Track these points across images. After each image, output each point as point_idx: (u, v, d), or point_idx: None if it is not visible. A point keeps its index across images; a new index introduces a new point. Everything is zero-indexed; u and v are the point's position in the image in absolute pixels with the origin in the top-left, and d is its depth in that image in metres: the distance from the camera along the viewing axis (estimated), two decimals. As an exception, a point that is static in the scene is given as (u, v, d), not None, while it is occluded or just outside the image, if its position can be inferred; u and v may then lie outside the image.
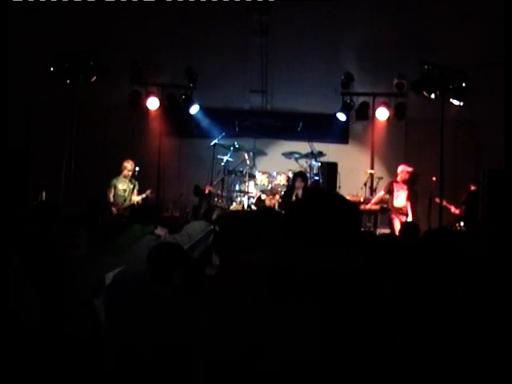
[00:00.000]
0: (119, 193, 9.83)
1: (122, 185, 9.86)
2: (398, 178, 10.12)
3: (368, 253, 2.88)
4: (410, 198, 10.15)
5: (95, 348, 3.06)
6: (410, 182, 10.25)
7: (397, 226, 9.64)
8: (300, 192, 9.23)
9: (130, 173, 9.86)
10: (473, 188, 9.72)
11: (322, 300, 1.42)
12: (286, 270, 1.53)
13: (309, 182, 9.68)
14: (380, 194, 10.19)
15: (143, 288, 3.17)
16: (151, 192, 9.91)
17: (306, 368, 1.34)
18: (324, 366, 1.34)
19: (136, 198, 9.81)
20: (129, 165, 9.84)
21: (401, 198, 10.07)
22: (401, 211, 9.99)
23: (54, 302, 3.18)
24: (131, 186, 9.87)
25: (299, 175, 9.47)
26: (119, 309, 3.16)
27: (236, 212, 8.53)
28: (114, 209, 9.63)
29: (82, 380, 2.89)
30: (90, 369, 2.90)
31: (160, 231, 4.22)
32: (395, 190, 10.07)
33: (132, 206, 9.55)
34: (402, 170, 10.12)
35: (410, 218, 9.91)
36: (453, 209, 9.83)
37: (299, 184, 9.29)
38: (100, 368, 2.88)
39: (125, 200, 9.80)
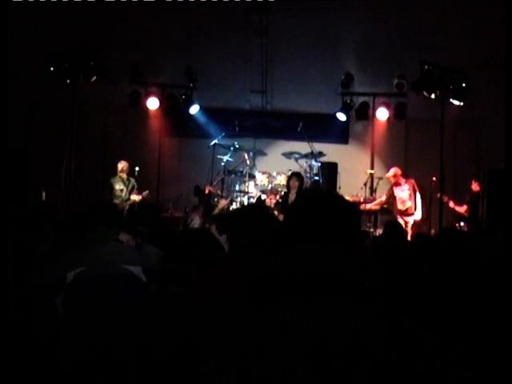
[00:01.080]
0: (116, 193, 9.84)
1: (119, 185, 9.87)
2: (393, 181, 9.99)
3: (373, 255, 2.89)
4: (414, 194, 9.94)
5: (54, 345, 3.10)
6: (407, 178, 10.12)
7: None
8: (294, 192, 9.10)
9: (124, 173, 9.84)
10: (477, 188, 9.59)
11: (321, 300, 1.42)
12: (285, 271, 1.53)
13: (307, 182, 9.66)
14: (382, 198, 10.09)
15: (105, 289, 3.24)
16: (147, 193, 9.88)
17: (306, 368, 1.34)
18: (324, 366, 1.34)
19: (134, 198, 9.80)
20: (120, 165, 9.82)
21: (404, 200, 9.97)
22: (406, 212, 9.87)
23: (16, 296, 3.20)
24: (129, 186, 9.88)
25: (294, 175, 9.36)
26: (79, 308, 3.22)
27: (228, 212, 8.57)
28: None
29: (45, 373, 2.91)
30: (49, 365, 2.92)
31: (123, 237, 4.22)
32: (396, 194, 9.93)
33: (131, 205, 9.55)
34: (395, 172, 10.00)
35: (418, 216, 9.77)
36: (452, 204, 9.71)
37: (293, 183, 9.19)
38: (58, 365, 2.91)
39: (122, 200, 9.80)
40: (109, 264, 3.54)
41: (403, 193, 9.91)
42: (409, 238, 7.43)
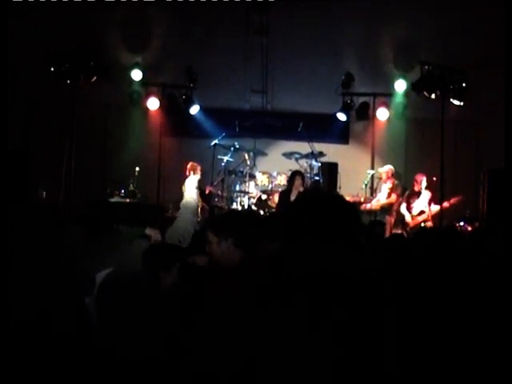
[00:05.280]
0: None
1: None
2: (384, 177, 9.97)
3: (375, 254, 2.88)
4: (390, 194, 9.91)
5: (85, 347, 3.06)
6: (393, 177, 10.07)
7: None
8: (296, 191, 9.02)
9: (190, 174, 9.58)
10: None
11: (321, 300, 1.42)
12: (285, 270, 1.53)
13: (308, 182, 9.63)
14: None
15: (136, 289, 3.19)
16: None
17: (306, 369, 1.34)
18: (323, 366, 1.33)
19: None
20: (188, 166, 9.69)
21: (381, 197, 9.97)
22: (384, 209, 9.86)
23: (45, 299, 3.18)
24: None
25: (298, 174, 9.30)
26: (111, 309, 3.17)
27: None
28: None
29: (71, 378, 2.88)
30: (78, 367, 2.90)
31: (150, 231, 4.18)
32: (379, 189, 10.02)
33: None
34: (388, 169, 9.99)
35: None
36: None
37: (298, 183, 9.11)
38: (89, 367, 2.88)
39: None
40: (138, 262, 3.50)
41: (383, 191, 9.91)
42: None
